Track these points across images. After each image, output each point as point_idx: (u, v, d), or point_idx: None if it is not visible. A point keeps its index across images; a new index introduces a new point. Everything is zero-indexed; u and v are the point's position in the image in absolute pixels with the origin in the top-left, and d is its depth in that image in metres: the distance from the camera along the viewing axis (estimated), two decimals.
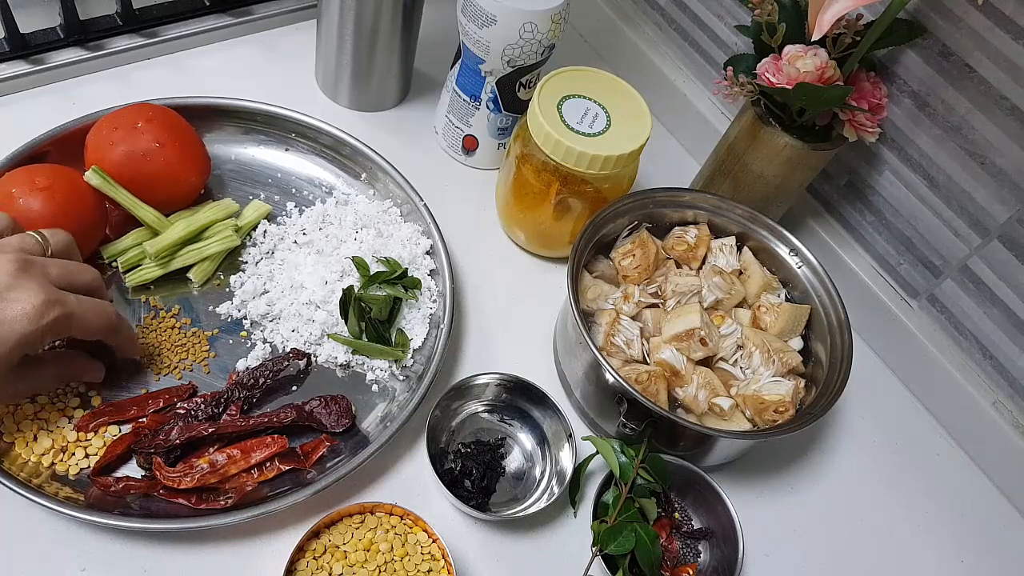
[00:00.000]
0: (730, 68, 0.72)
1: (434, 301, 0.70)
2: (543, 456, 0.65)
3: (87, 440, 0.58)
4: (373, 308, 0.66)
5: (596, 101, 0.70)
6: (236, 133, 0.76)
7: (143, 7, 0.81)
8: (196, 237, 0.68)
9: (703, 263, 0.72)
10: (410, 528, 0.58)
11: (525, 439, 0.66)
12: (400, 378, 0.66)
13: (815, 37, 0.61)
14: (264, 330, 0.67)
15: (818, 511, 0.69)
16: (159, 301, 0.66)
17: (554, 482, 0.62)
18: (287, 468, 0.59)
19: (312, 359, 0.66)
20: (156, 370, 0.63)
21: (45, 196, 0.60)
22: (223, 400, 0.61)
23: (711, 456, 0.66)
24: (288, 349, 0.65)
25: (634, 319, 0.67)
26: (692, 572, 0.61)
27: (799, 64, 0.65)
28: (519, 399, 0.66)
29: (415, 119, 0.86)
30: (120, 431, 0.59)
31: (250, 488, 0.57)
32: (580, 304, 0.65)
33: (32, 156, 0.66)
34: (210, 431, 0.58)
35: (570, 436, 0.63)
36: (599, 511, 0.60)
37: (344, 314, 0.66)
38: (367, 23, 0.76)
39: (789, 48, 0.67)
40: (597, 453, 0.63)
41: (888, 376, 0.79)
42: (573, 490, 0.63)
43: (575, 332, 0.63)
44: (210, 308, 0.67)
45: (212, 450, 0.58)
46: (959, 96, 0.66)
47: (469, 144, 0.82)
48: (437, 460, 0.62)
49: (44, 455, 0.57)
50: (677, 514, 0.64)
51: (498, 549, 0.61)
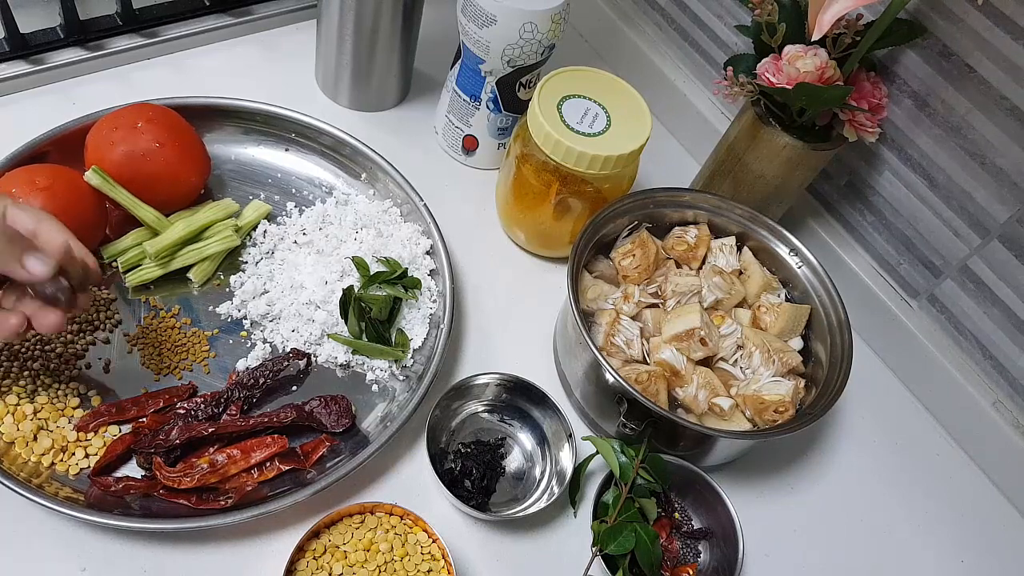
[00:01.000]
0: (730, 68, 0.72)
1: (434, 301, 0.70)
2: (543, 456, 0.65)
3: (87, 440, 0.58)
4: (373, 308, 0.66)
5: (596, 101, 0.70)
6: (236, 133, 0.76)
7: (143, 7, 0.81)
8: (196, 237, 0.68)
9: (703, 263, 0.72)
10: (410, 528, 0.58)
11: (525, 439, 0.66)
12: (400, 378, 0.66)
13: (815, 37, 0.61)
14: (264, 330, 0.67)
15: (818, 511, 0.69)
16: (159, 301, 0.66)
17: (554, 482, 0.62)
18: (287, 468, 0.59)
19: (312, 359, 0.66)
20: (156, 370, 0.63)
21: (45, 196, 0.60)
22: (223, 400, 0.61)
23: (711, 456, 0.66)
24: (288, 349, 0.65)
25: (634, 319, 0.67)
26: (692, 572, 0.61)
27: (799, 64, 0.65)
28: (519, 399, 0.66)
29: (415, 119, 0.86)
30: (120, 431, 0.59)
31: (250, 488, 0.57)
32: (580, 304, 0.65)
33: (32, 156, 0.66)
34: (210, 431, 0.58)
35: (570, 436, 0.63)
36: (599, 511, 0.60)
37: (344, 314, 0.66)
38: (367, 23, 0.76)
39: (789, 48, 0.67)
40: (597, 453, 0.63)
41: (888, 376, 0.79)
42: (573, 490, 0.63)
43: (575, 332, 0.63)
44: (210, 308, 0.67)
45: (212, 450, 0.58)
46: (959, 96, 0.66)
47: (469, 144, 0.82)
48: (437, 460, 0.62)
49: (44, 455, 0.57)
50: (677, 514, 0.64)
51: (498, 549, 0.61)
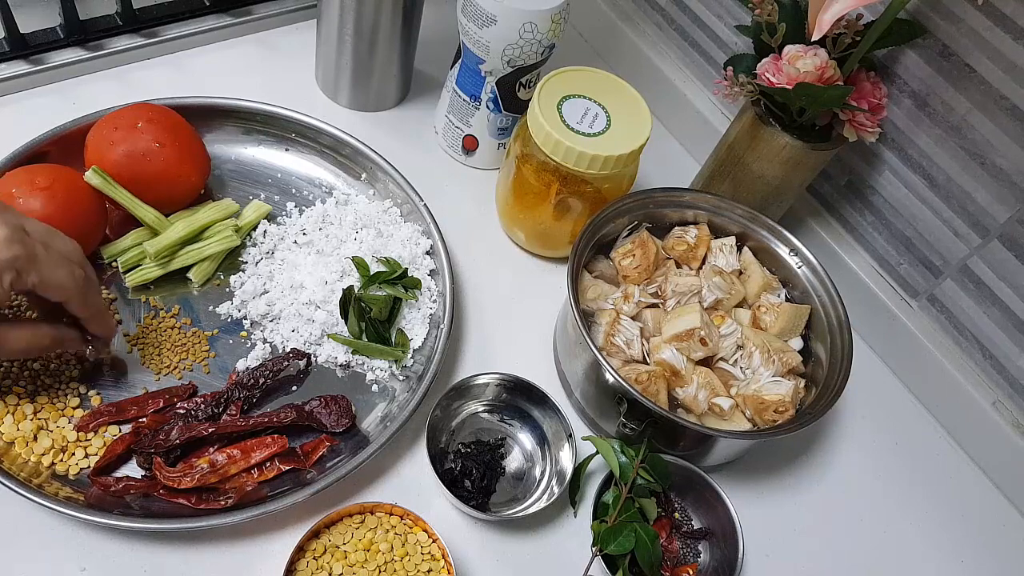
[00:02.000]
0: (730, 68, 0.72)
1: (434, 301, 0.70)
2: (543, 456, 0.65)
3: (87, 440, 0.58)
4: (373, 308, 0.66)
5: (596, 101, 0.70)
6: (236, 133, 0.76)
7: (143, 7, 0.81)
8: (196, 237, 0.68)
9: (703, 263, 0.72)
10: (410, 528, 0.58)
11: (525, 439, 0.66)
12: (400, 378, 0.66)
13: (815, 37, 0.61)
14: (264, 330, 0.67)
15: (818, 511, 0.69)
16: (159, 301, 0.66)
17: (554, 482, 0.62)
18: (287, 468, 0.59)
19: (312, 359, 0.66)
20: (156, 370, 0.63)
21: (45, 196, 0.60)
22: (223, 400, 0.61)
23: (711, 456, 0.66)
24: (288, 349, 0.65)
25: (634, 319, 0.67)
26: (692, 572, 0.61)
27: (799, 64, 0.65)
28: (519, 399, 0.66)
29: (415, 119, 0.86)
30: (120, 431, 0.59)
31: (250, 488, 0.57)
32: (580, 304, 0.65)
33: (32, 156, 0.66)
34: (210, 431, 0.58)
35: (570, 436, 0.63)
36: (599, 511, 0.60)
37: (344, 314, 0.66)
38: (367, 23, 0.76)
39: (789, 48, 0.67)
40: (597, 453, 0.63)
41: (888, 376, 0.79)
42: (573, 490, 0.63)
43: (575, 332, 0.63)
44: (210, 308, 0.67)
45: (212, 450, 0.58)
46: (959, 96, 0.66)
47: (469, 144, 0.82)
48: (437, 460, 0.62)
49: (44, 455, 0.57)
50: (677, 514, 0.64)
51: (498, 549, 0.61)
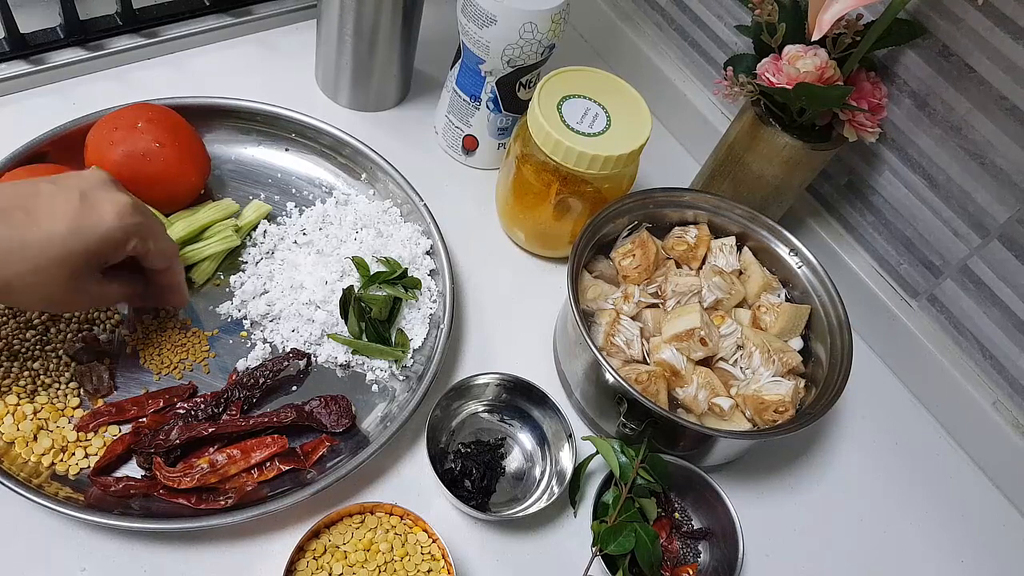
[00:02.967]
0: (730, 68, 0.72)
1: (434, 301, 0.70)
2: (543, 456, 0.65)
3: (87, 440, 0.58)
4: (373, 308, 0.66)
5: (596, 101, 0.70)
6: (236, 133, 0.76)
7: (143, 7, 0.81)
8: (196, 237, 0.68)
9: (703, 263, 0.72)
10: (410, 528, 0.58)
11: (525, 439, 0.66)
12: (400, 378, 0.66)
13: (815, 37, 0.61)
14: (264, 330, 0.67)
15: (818, 511, 0.69)
16: None
17: (554, 482, 0.62)
18: (287, 468, 0.59)
19: (312, 359, 0.66)
20: (156, 370, 0.63)
21: None
22: (223, 400, 0.61)
23: (711, 456, 0.66)
24: (288, 349, 0.65)
25: (634, 319, 0.67)
26: (692, 572, 0.61)
27: (799, 64, 0.65)
28: (519, 399, 0.66)
29: (415, 119, 0.86)
30: (120, 431, 0.59)
31: (250, 488, 0.57)
32: (580, 304, 0.65)
33: (32, 156, 0.66)
34: (210, 431, 0.58)
35: (570, 436, 0.63)
36: (599, 511, 0.60)
37: (344, 314, 0.66)
38: (367, 23, 0.76)
39: (789, 48, 0.67)
40: (597, 453, 0.63)
41: (888, 376, 0.79)
42: (573, 490, 0.63)
43: (575, 332, 0.63)
44: (210, 308, 0.67)
45: (212, 450, 0.58)
46: (959, 96, 0.66)
47: (469, 144, 0.82)
48: (437, 460, 0.62)
49: (44, 455, 0.57)
50: (677, 514, 0.64)
51: (498, 549, 0.61)
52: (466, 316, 0.73)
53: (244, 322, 0.67)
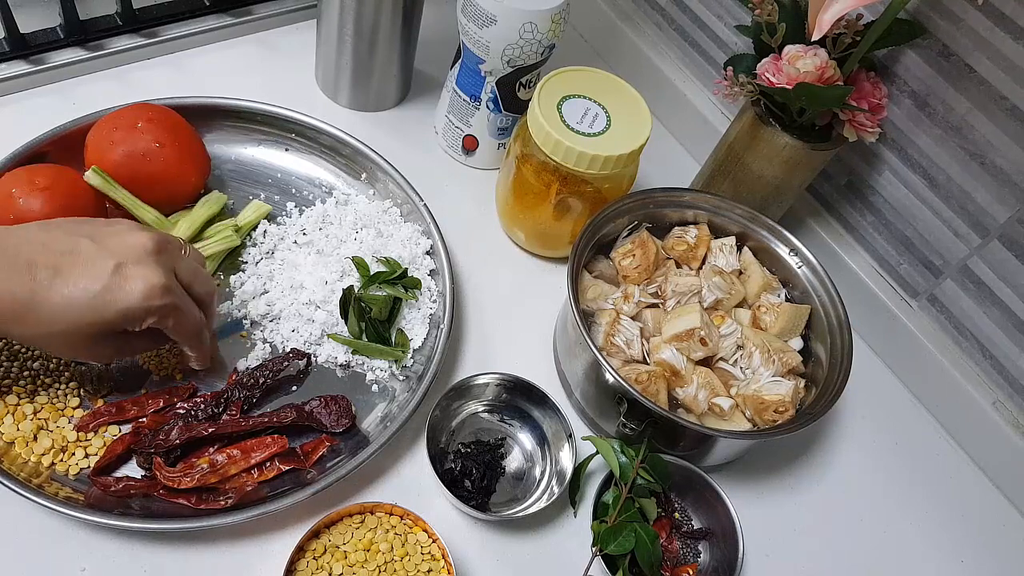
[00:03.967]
0: (730, 68, 0.72)
1: (434, 301, 0.70)
2: (543, 456, 0.65)
3: (87, 440, 0.58)
4: (373, 308, 0.66)
5: (596, 101, 0.70)
6: (236, 133, 0.76)
7: (143, 7, 0.81)
8: (196, 237, 0.68)
9: (703, 263, 0.72)
10: (410, 528, 0.58)
11: (525, 439, 0.66)
12: (400, 378, 0.66)
13: (815, 37, 0.61)
14: (264, 330, 0.67)
15: (818, 511, 0.69)
16: None
17: (554, 482, 0.62)
18: (287, 468, 0.59)
19: (312, 359, 0.66)
20: (156, 370, 0.63)
21: (45, 196, 0.60)
22: (223, 400, 0.61)
23: (711, 456, 0.66)
24: (288, 349, 0.65)
25: (634, 319, 0.67)
26: (692, 572, 0.61)
27: (799, 64, 0.65)
28: (519, 399, 0.66)
29: (415, 119, 0.86)
30: (120, 431, 0.59)
31: (250, 488, 0.57)
32: (580, 304, 0.65)
33: (32, 156, 0.66)
34: (210, 431, 0.58)
35: (570, 436, 0.63)
36: (599, 511, 0.60)
37: (344, 314, 0.66)
38: (367, 23, 0.76)
39: (789, 48, 0.67)
40: (597, 453, 0.63)
41: (888, 376, 0.79)
42: (573, 490, 0.63)
43: (575, 332, 0.63)
44: None
45: (212, 450, 0.58)
46: (959, 96, 0.66)
47: (469, 144, 0.82)
48: (437, 460, 0.62)
49: (44, 455, 0.57)
50: (677, 514, 0.64)
51: (498, 549, 0.61)
52: (466, 316, 0.73)
53: (244, 322, 0.67)
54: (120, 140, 0.65)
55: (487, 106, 0.78)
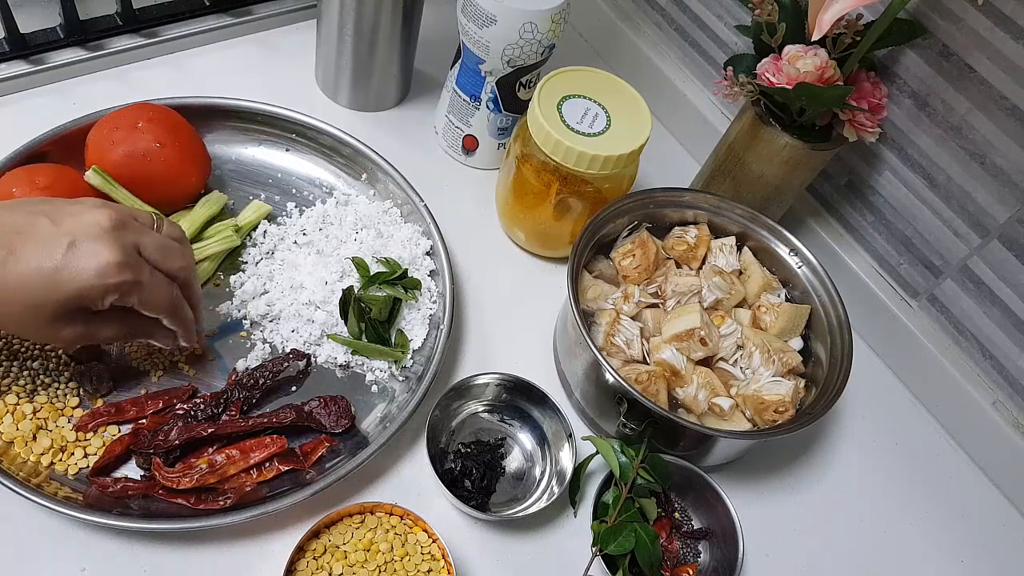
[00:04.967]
0: (730, 68, 0.72)
1: (434, 302, 0.70)
2: (543, 456, 0.65)
3: (86, 440, 0.58)
4: (373, 309, 0.66)
5: (596, 101, 0.70)
6: (236, 133, 0.76)
7: (143, 7, 0.81)
8: (196, 237, 0.68)
9: (703, 263, 0.72)
10: (410, 528, 0.58)
11: (525, 439, 0.66)
12: (400, 379, 0.66)
13: (815, 37, 0.61)
14: (264, 330, 0.67)
15: (818, 511, 0.69)
16: None
17: (554, 482, 0.62)
18: (286, 468, 0.59)
19: (312, 359, 0.66)
20: (155, 370, 0.63)
21: (45, 196, 0.60)
22: (222, 401, 0.61)
23: (711, 456, 0.66)
24: (288, 349, 0.65)
25: (634, 319, 0.67)
26: (692, 572, 0.61)
27: (799, 64, 0.65)
28: (519, 399, 0.66)
29: (415, 119, 0.86)
30: (119, 431, 0.59)
31: (249, 488, 0.57)
32: (580, 304, 0.65)
33: (32, 156, 0.66)
34: (209, 432, 0.58)
35: (570, 436, 0.63)
36: (599, 511, 0.60)
37: (344, 314, 0.66)
38: (367, 23, 0.76)
39: (789, 48, 0.67)
40: (597, 453, 0.63)
41: (888, 376, 0.79)
42: (573, 490, 0.63)
43: (575, 332, 0.63)
44: (210, 308, 0.67)
45: (211, 450, 0.58)
46: (959, 96, 0.66)
47: (469, 144, 0.82)
48: (437, 460, 0.62)
49: (43, 454, 0.57)
50: (677, 514, 0.64)
51: (498, 549, 0.61)
52: (466, 316, 0.73)
53: (244, 322, 0.67)
54: (120, 140, 0.65)
55: (487, 106, 0.78)
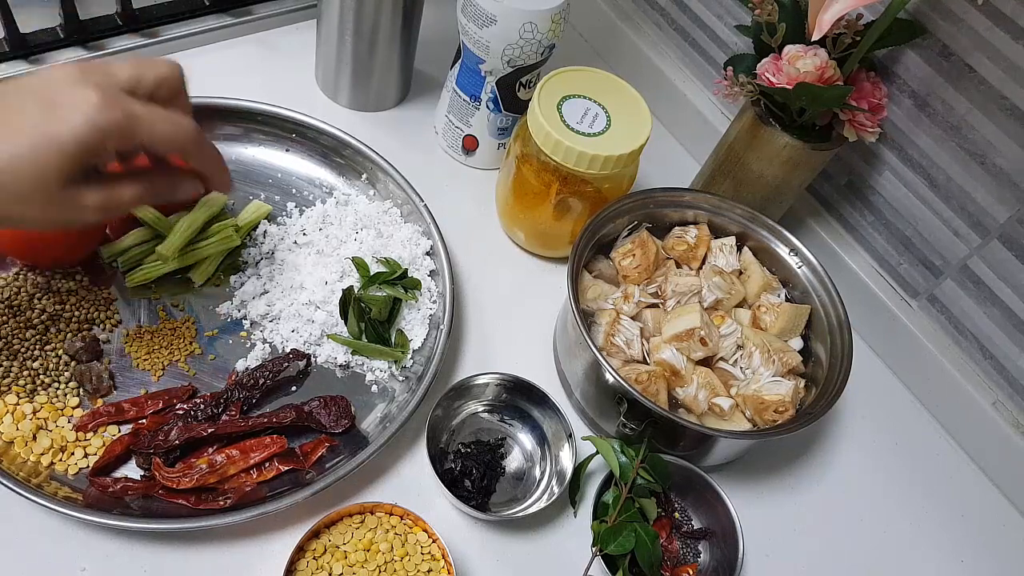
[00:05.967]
0: (730, 68, 0.72)
1: (434, 302, 0.70)
2: (543, 456, 0.65)
3: (86, 440, 0.58)
4: (373, 309, 0.66)
5: (596, 101, 0.70)
6: (236, 133, 0.76)
7: (143, 7, 0.81)
8: (196, 237, 0.68)
9: (703, 263, 0.72)
10: (410, 528, 0.58)
11: (525, 439, 0.66)
12: (400, 379, 0.66)
13: (815, 37, 0.61)
14: (264, 330, 0.67)
15: (818, 511, 0.69)
16: (159, 301, 0.66)
17: (554, 482, 0.62)
18: (286, 468, 0.59)
19: (312, 359, 0.66)
20: (155, 370, 0.63)
21: None
22: (222, 401, 0.61)
23: (711, 456, 0.66)
24: (288, 349, 0.65)
25: (634, 319, 0.67)
26: (692, 572, 0.61)
27: (799, 64, 0.65)
28: (519, 399, 0.66)
29: (415, 119, 0.86)
30: (119, 431, 0.59)
31: (249, 488, 0.57)
32: (580, 304, 0.65)
33: None
34: (209, 432, 0.58)
35: (570, 436, 0.63)
36: (599, 511, 0.60)
37: (344, 314, 0.66)
38: (367, 23, 0.76)
39: (789, 48, 0.67)
40: (597, 453, 0.63)
41: (888, 376, 0.79)
42: (573, 490, 0.63)
43: (575, 332, 0.63)
44: (210, 308, 0.67)
45: (211, 450, 0.58)
46: (959, 96, 0.66)
47: (469, 144, 0.82)
48: (437, 460, 0.62)
49: (43, 454, 0.57)
50: (677, 514, 0.64)
51: (498, 549, 0.61)
52: (466, 316, 0.73)
53: (244, 322, 0.67)
54: None
55: (487, 106, 0.78)
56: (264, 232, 0.71)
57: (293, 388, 0.64)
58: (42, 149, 0.45)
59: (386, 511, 0.58)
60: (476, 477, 0.62)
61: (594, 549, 0.58)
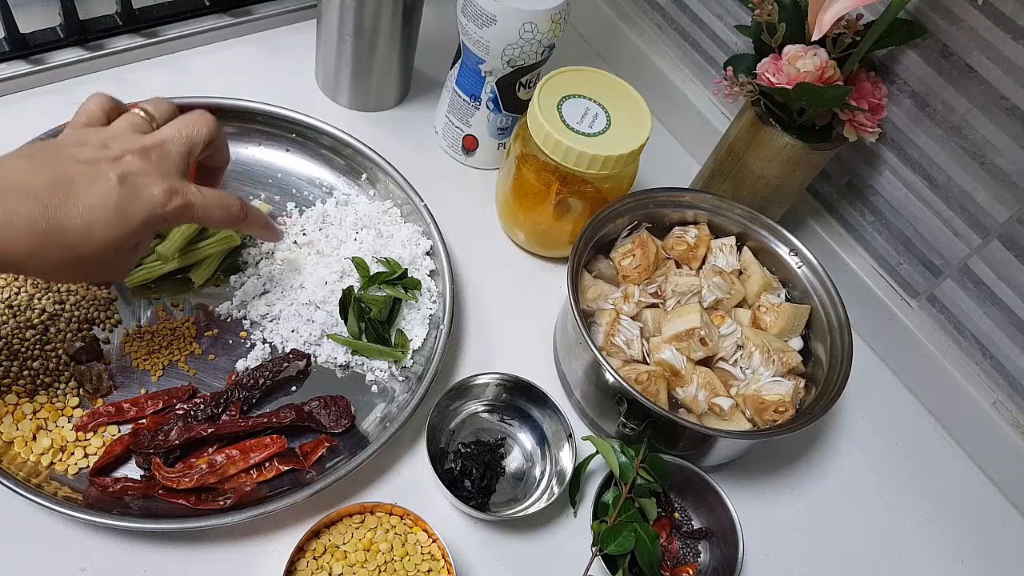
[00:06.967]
0: (730, 68, 0.72)
1: (434, 302, 0.70)
2: (543, 456, 0.65)
3: (86, 440, 0.58)
4: (373, 309, 0.66)
5: (596, 101, 0.70)
6: (236, 133, 0.75)
7: (143, 7, 0.81)
8: (197, 237, 0.68)
9: (703, 263, 0.72)
10: (410, 528, 0.58)
11: (525, 439, 0.66)
12: (400, 379, 0.66)
13: (815, 37, 0.61)
14: (264, 330, 0.67)
15: (818, 511, 0.69)
16: (159, 301, 0.66)
17: (554, 482, 0.62)
18: (286, 468, 0.59)
19: (312, 360, 0.66)
20: (154, 370, 0.63)
21: None
22: (222, 401, 0.61)
23: (711, 456, 0.66)
24: (288, 349, 0.65)
25: (634, 319, 0.67)
26: (692, 572, 0.61)
27: (799, 64, 0.65)
28: (519, 399, 0.66)
29: (415, 119, 0.86)
30: (119, 431, 0.59)
31: (249, 488, 0.57)
32: (580, 304, 0.65)
33: None
34: (209, 432, 0.58)
35: (570, 436, 0.63)
36: (599, 511, 0.60)
37: (344, 314, 0.66)
38: (367, 23, 0.76)
39: (789, 48, 0.67)
40: (597, 453, 0.62)
41: (888, 376, 0.79)
42: (573, 490, 0.63)
43: (575, 332, 0.63)
44: (210, 308, 0.67)
45: (211, 451, 0.58)
46: (959, 96, 0.66)
47: (469, 144, 0.82)
48: (437, 460, 0.62)
49: (43, 454, 0.57)
50: (677, 514, 0.64)
51: (498, 549, 0.61)
52: (466, 316, 0.73)
53: (244, 322, 0.67)
54: None
55: (487, 106, 0.78)
56: None
57: (293, 388, 0.64)
58: (119, 222, 0.50)
59: (386, 511, 0.58)
60: (476, 477, 0.62)
61: (594, 549, 0.58)
